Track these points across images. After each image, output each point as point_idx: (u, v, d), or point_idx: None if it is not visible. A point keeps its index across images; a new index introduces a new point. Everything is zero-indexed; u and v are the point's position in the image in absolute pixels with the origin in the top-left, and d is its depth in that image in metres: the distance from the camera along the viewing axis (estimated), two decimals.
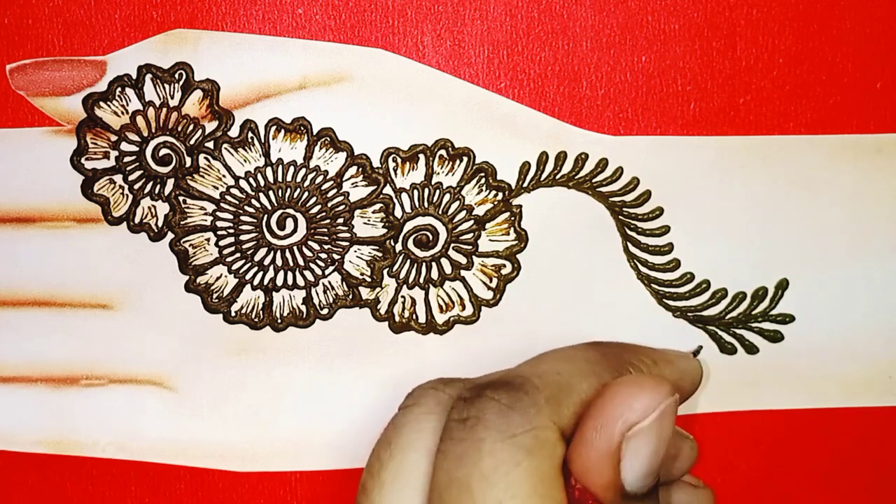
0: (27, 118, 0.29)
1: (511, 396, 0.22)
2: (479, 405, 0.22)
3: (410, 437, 0.23)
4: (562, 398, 0.22)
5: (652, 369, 0.24)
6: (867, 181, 0.29)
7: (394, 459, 0.23)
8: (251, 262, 0.29)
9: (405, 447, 0.23)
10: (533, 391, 0.22)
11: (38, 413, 0.30)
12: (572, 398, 0.22)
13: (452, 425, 0.22)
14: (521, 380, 0.22)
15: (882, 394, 0.31)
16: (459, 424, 0.21)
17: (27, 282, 0.29)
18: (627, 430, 0.21)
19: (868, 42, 0.29)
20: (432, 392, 0.24)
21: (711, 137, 0.29)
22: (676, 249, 0.30)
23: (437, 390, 0.24)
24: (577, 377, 0.23)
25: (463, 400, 0.22)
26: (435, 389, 0.24)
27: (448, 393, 0.24)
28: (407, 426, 0.23)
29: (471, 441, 0.21)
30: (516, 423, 0.21)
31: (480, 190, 0.29)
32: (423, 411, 0.23)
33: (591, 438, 0.21)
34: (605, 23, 0.29)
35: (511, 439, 0.21)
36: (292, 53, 0.28)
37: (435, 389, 0.24)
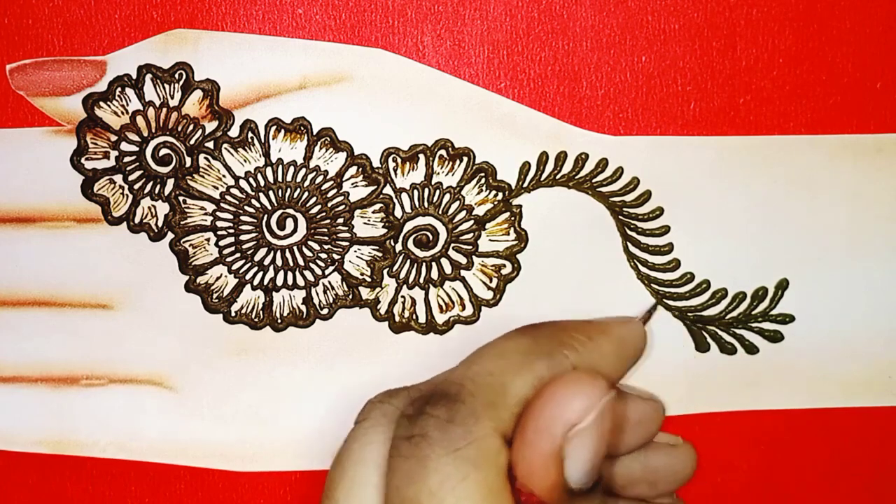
0: (27, 118, 0.29)
1: (449, 409, 0.22)
2: (420, 423, 0.22)
3: (360, 452, 0.23)
4: (498, 401, 0.22)
5: (586, 346, 0.24)
6: (867, 181, 0.29)
7: (345, 476, 0.23)
8: (251, 262, 0.29)
9: (355, 462, 0.23)
10: (469, 399, 0.22)
11: (38, 413, 0.30)
12: (509, 400, 0.22)
13: (398, 443, 0.22)
14: (455, 388, 0.22)
15: (882, 394, 0.31)
16: (405, 442, 0.22)
17: (27, 282, 0.29)
18: (568, 431, 0.21)
19: (868, 42, 0.29)
20: (378, 405, 0.24)
21: (711, 137, 0.29)
22: (676, 249, 0.30)
23: (382, 403, 0.24)
24: (510, 375, 0.23)
25: (406, 417, 0.22)
26: (381, 402, 0.24)
27: (394, 404, 0.24)
28: (356, 441, 0.24)
29: (416, 458, 0.21)
30: (458, 436, 0.21)
31: (480, 190, 0.29)
32: (370, 425, 0.24)
33: (533, 441, 0.21)
34: (605, 23, 0.29)
35: (455, 453, 0.21)
36: (292, 53, 0.28)
37: (381, 402, 0.24)
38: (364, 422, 0.24)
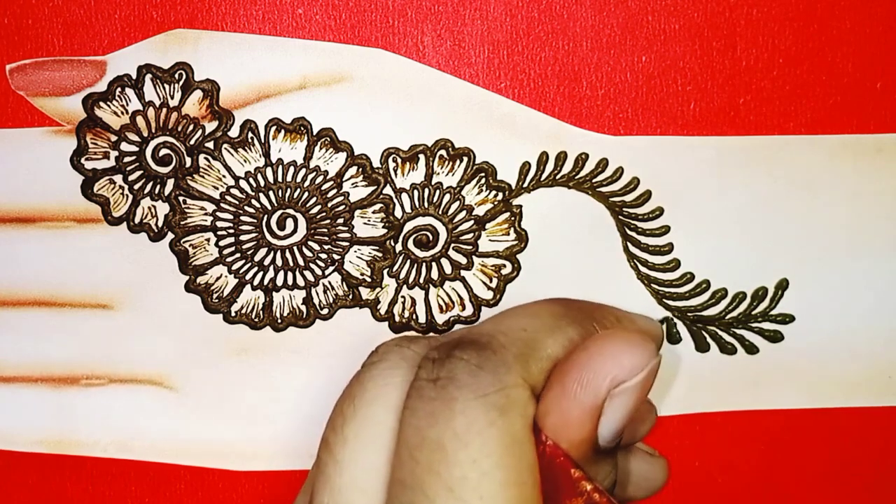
0: (27, 118, 0.29)
1: (480, 356, 0.21)
2: (448, 366, 0.21)
3: (375, 392, 0.22)
4: (530, 356, 0.22)
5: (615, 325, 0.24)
6: (867, 181, 0.29)
7: (358, 414, 0.22)
8: (251, 262, 0.29)
9: (370, 402, 0.22)
10: (500, 350, 0.22)
11: (38, 413, 0.30)
12: (541, 355, 0.22)
13: (422, 384, 0.21)
14: (487, 338, 0.22)
15: (882, 394, 0.31)
16: (429, 384, 0.21)
17: (27, 282, 0.29)
18: (615, 388, 0.21)
19: (868, 42, 0.29)
20: (397, 349, 0.24)
21: (711, 137, 0.29)
22: (676, 249, 0.30)
23: (401, 346, 0.24)
24: (543, 333, 0.22)
25: (431, 360, 0.22)
26: (399, 346, 0.24)
27: (413, 350, 0.23)
28: (371, 381, 0.23)
29: (442, 400, 0.20)
30: (487, 383, 0.21)
31: (480, 190, 0.29)
32: (388, 366, 0.23)
33: (575, 393, 0.21)
34: (605, 23, 0.29)
35: (483, 398, 0.20)
36: (292, 53, 0.28)
37: (399, 346, 0.24)
38: (380, 363, 0.23)
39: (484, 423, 0.20)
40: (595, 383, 0.21)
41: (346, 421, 0.22)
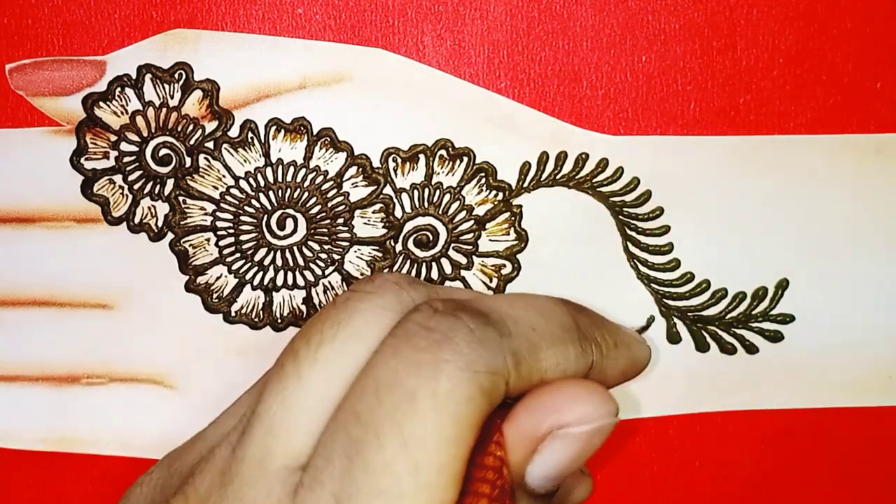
0: (27, 118, 0.29)
1: (484, 331, 0.20)
2: (450, 323, 0.20)
3: (360, 327, 0.21)
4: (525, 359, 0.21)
5: (610, 352, 0.24)
6: (867, 181, 0.29)
7: (337, 341, 0.21)
8: (251, 262, 0.29)
9: (353, 334, 0.21)
10: (506, 335, 0.21)
11: (39, 412, 0.30)
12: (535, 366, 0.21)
13: (414, 328, 0.20)
14: (497, 316, 0.21)
15: (882, 394, 0.31)
16: (423, 331, 0.20)
17: (27, 282, 0.29)
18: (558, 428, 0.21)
19: (868, 42, 0.29)
20: (395, 288, 0.22)
21: (711, 137, 0.29)
22: (676, 249, 0.30)
23: (400, 287, 0.23)
24: (546, 342, 0.22)
25: (433, 309, 0.21)
26: (399, 286, 0.23)
27: (411, 295, 0.22)
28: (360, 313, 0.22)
29: (433, 357, 0.20)
30: (482, 360, 0.20)
31: (481, 190, 0.29)
32: (382, 305, 0.22)
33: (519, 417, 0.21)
34: (605, 23, 0.29)
35: (473, 373, 0.20)
36: (292, 53, 0.28)
37: (399, 286, 0.23)
38: (374, 296, 0.22)
39: (464, 397, 0.19)
40: (539, 415, 0.21)
41: (323, 342, 0.21)
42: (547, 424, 0.21)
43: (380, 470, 0.19)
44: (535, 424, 0.21)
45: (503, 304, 0.22)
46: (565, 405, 0.21)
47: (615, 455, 0.31)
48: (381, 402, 0.19)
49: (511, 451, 0.21)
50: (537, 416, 0.21)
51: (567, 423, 0.21)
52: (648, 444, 0.31)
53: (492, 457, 0.20)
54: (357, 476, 0.19)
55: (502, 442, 0.21)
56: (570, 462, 0.21)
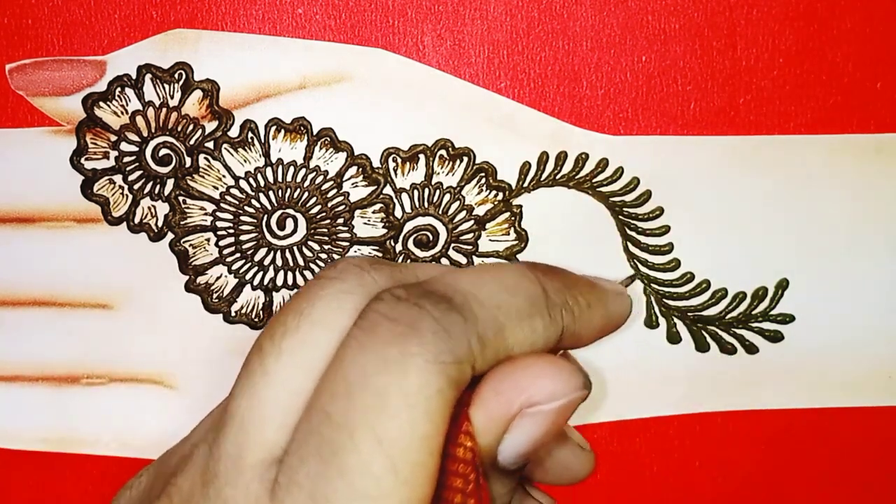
0: (27, 118, 0.29)
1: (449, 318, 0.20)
2: (413, 314, 0.20)
3: (323, 313, 0.21)
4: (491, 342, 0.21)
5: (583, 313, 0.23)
6: (867, 181, 0.29)
7: (300, 331, 0.21)
8: (251, 262, 0.29)
9: (315, 322, 0.21)
10: (471, 319, 0.20)
11: (39, 412, 0.30)
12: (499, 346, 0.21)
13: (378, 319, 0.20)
14: (461, 299, 0.21)
15: (882, 394, 0.31)
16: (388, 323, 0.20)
17: (27, 282, 0.29)
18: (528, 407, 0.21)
19: (868, 42, 0.29)
20: (356, 270, 0.22)
21: (711, 137, 0.29)
22: (676, 249, 0.30)
23: (362, 270, 0.22)
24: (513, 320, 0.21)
25: (396, 297, 0.20)
26: (360, 268, 0.22)
27: (374, 278, 0.22)
28: (322, 300, 0.21)
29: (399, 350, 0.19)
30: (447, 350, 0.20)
31: (481, 190, 0.29)
32: (344, 289, 0.22)
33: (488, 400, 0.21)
34: (605, 23, 0.29)
35: (441, 365, 0.19)
36: (292, 53, 0.28)
37: (360, 268, 0.22)
38: (336, 281, 0.22)
39: (434, 390, 0.19)
40: (508, 395, 0.20)
41: (286, 334, 0.21)
42: (517, 404, 0.20)
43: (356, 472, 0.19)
44: (504, 406, 0.21)
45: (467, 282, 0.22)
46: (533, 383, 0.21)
47: (615, 455, 0.31)
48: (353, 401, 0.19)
49: (481, 433, 0.21)
50: (506, 396, 0.21)
51: (537, 400, 0.21)
52: (648, 444, 0.31)
53: (462, 448, 0.20)
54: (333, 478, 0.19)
55: (471, 431, 0.20)
56: (541, 438, 0.21)
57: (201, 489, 0.21)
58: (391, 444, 0.19)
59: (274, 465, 0.20)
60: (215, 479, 0.21)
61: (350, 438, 0.19)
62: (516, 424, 0.21)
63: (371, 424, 0.19)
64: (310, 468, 0.19)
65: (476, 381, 0.21)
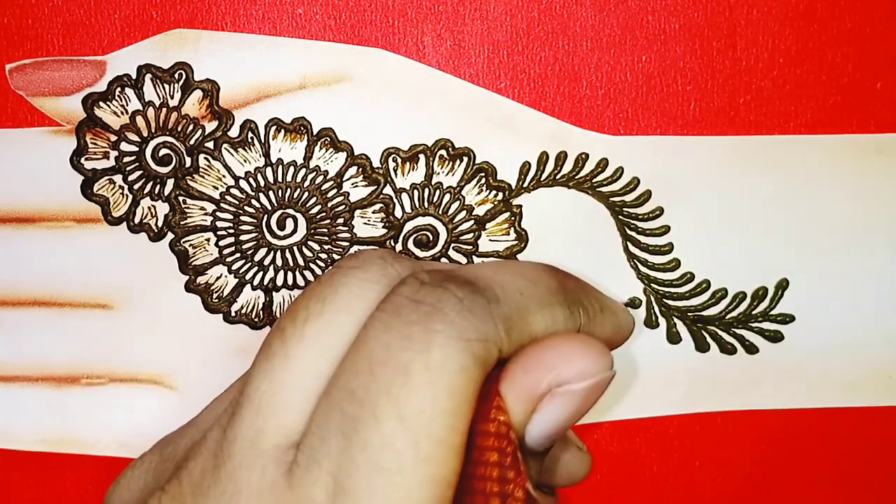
0: (27, 118, 0.29)
1: (472, 299, 0.20)
2: (438, 294, 0.20)
3: (348, 300, 0.21)
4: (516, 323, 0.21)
5: (596, 316, 0.24)
6: (867, 181, 0.29)
7: (323, 316, 0.21)
8: (251, 262, 0.29)
9: (339, 308, 0.21)
10: (494, 301, 0.21)
11: (39, 412, 0.30)
12: (524, 328, 0.21)
13: (403, 301, 0.20)
14: (484, 283, 0.21)
15: (882, 394, 0.31)
16: (411, 304, 0.20)
17: (27, 282, 0.29)
18: (557, 386, 0.20)
19: (868, 42, 0.29)
20: (380, 262, 0.22)
21: (711, 137, 0.29)
22: (676, 249, 0.30)
23: (385, 262, 0.22)
24: (535, 305, 0.22)
25: (420, 281, 0.21)
26: (383, 260, 0.22)
27: (396, 269, 0.22)
28: (346, 287, 0.22)
29: (423, 328, 0.19)
30: (472, 328, 0.20)
31: (480, 190, 0.29)
32: (367, 278, 0.22)
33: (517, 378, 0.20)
34: (605, 23, 0.29)
35: (465, 342, 0.19)
36: (292, 53, 0.28)
37: (383, 260, 0.22)
38: (359, 271, 0.22)
39: (458, 366, 0.19)
40: (538, 374, 0.20)
41: (309, 318, 0.21)
42: (545, 383, 0.20)
43: (378, 446, 0.18)
44: (533, 384, 0.20)
45: (489, 271, 0.22)
46: (563, 362, 0.21)
47: (615, 455, 0.31)
48: (375, 377, 0.19)
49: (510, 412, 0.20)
50: (535, 375, 0.20)
51: (566, 379, 0.21)
52: (648, 444, 0.31)
53: (495, 423, 0.20)
54: (355, 454, 0.19)
55: (503, 406, 0.20)
56: (570, 418, 0.21)
57: (213, 472, 0.21)
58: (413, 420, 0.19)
59: (291, 449, 0.20)
60: (228, 462, 0.20)
61: (372, 414, 0.19)
62: (545, 404, 0.21)
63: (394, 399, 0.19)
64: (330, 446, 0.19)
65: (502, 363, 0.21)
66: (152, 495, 0.22)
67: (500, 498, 0.19)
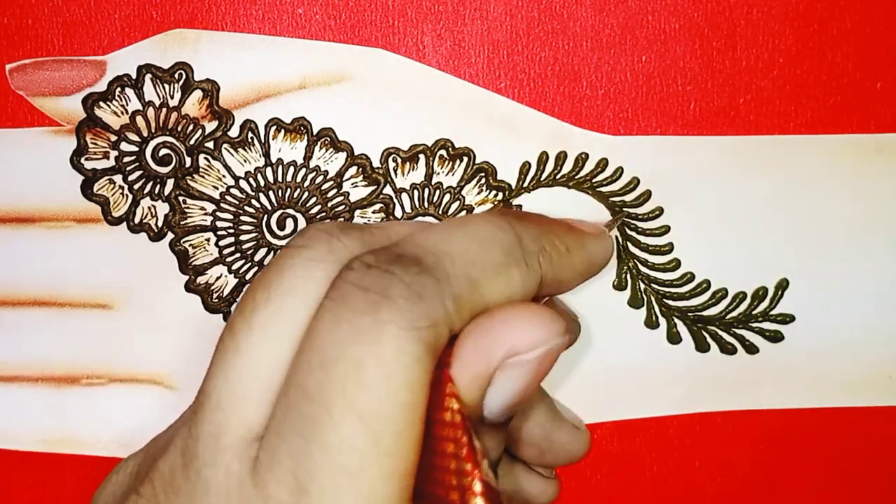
0: (27, 118, 0.29)
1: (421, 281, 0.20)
2: (385, 280, 0.19)
3: (294, 283, 0.21)
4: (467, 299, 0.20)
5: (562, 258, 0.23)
6: (867, 181, 0.29)
7: (270, 303, 0.21)
8: (251, 262, 0.29)
9: (286, 292, 0.21)
10: (444, 279, 0.20)
11: (39, 412, 0.30)
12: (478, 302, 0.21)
13: (350, 289, 0.20)
14: (433, 260, 0.20)
15: (882, 394, 0.31)
16: (359, 292, 0.19)
17: (27, 282, 0.29)
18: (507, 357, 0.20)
19: (868, 42, 0.29)
20: (325, 237, 0.22)
21: (711, 137, 0.29)
22: (676, 249, 0.30)
23: (331, 236, 0.22)
24: (488, 274, 0.21)
25: (366, 265, 0.20)
26: (329, 234, 0.22)
27: (343, 243, 0.22)
28: (291, 269, 0.21)
29: (374, 320, 0.19)
30: (422, 315, 0.19)
31: (481, 190, 0.29)
32: (313, 256, 0.21)
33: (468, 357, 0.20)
34: (605, 23, 0.29)
35: (416, 331, 0.19)
36: (292, 53, 0.28)
37: (329, 234, 0.22)
38: (304, 249, 0.21)
39: (412, 358, 0.19)
40: (490, 349, 0.20)
41: (256, 308, 0.21)
42: (498, 357, 0.20)
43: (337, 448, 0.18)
44: (485, 360, 0.20)
45: (439, 239, 0.21)
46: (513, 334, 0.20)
47: (615, 455, 0.31)
48: (329, 375, 0.19)
49: (464, 391, 0.20)
50: (486, 351, 0.20)
51: (517, 351, 0.20)
52: (648, 444, 0.31)
53: (449, 411, 0.20)
54: (315, 455, 0.18)
55: (456, 393, 0.20)
56: (525, 388, 0.21)
57: (182, 471, 0.20)
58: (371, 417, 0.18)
59: (254, 443, 0.20)
60: (195, 460, 0.20)
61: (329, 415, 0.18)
62: (499, 377, 0.20)
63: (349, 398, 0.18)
64: (290, 445, 0.19)
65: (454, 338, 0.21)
66: (127, 498, 0.21)
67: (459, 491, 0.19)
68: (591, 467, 0.31)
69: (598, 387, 0.30)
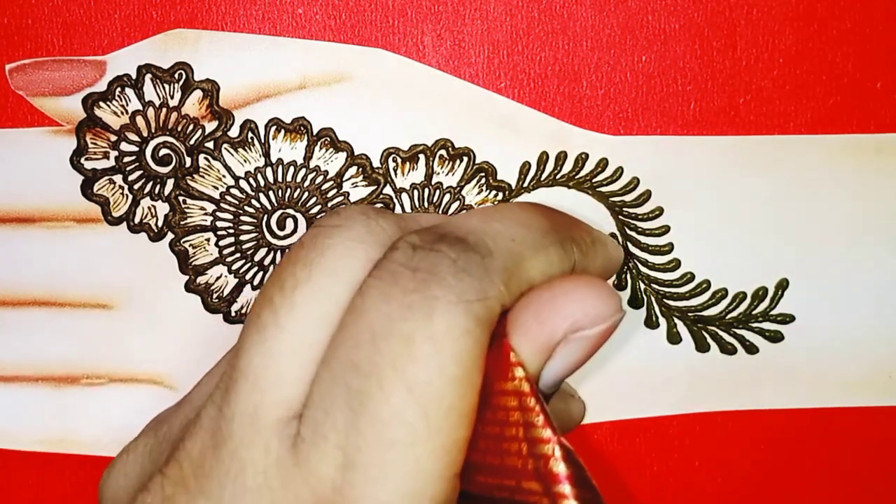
0: (27, 118, 0.29)
1: (466, 258, 0.20)
2: (432, 258, 0.20)
3: (336, 264, 0.21)
4: (513, 273, 0.20)
5: (589, 250, 0.23)
6: (867, 181, 0.29)
7: (312, 282, 0.20)
8: (251, 262, 0.29)
9: (328, 272, 0.20)
10: (488, 256, 0.20)
11: (38, 412, 0.30)
12: (521, 276, 0.21)
13: (399, 269, 0.20)
14: (475, 239, 0.20)
15: (882, 394, 0.31)
16: (407, 272, 0.19)
17: (27, 282, 0.29)
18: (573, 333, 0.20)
19: (868, 42, 0.29)
20: (363, 218, 0.21)
21: (711, 137, 0.29)
22: (676, 249, 0.30)
23: (368, 217, 0.22)
24: (529, 250, 0.21)
25: (412, 246, 0.20)
26: (366, 216, 0.22)
27: (381, 225, 0.21)
28: (332, 249, 0.21)
29: (422, 296, 0.19)
30: (471, 289, 0.19)
31: (481, 190, 0.29)
32: (352, 237, 0.21)
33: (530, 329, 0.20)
34: (605, 23, 0.29)
35: (466, 304, 0.19)
36: (292, 53, 0.28)
37: (366, 216, 0.22)
38: (343, 230, 0.21)
39: (461, 331, 0.19)
40: (553, 323, 0.20)
41: (297, 284, 0.20)
42: (562, 331, 0.20)
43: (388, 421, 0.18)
44: (549, 333, 0.20)
45: (478, 221, 0.21)
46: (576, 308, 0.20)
47: (615, 455, 0.31)
48: (379, 350, 0.19)
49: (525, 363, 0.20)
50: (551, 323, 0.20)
51: (583, 325, 0.20)
52: (648, 444, 0.31)
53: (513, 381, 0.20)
54: (364, 428, 0.18)
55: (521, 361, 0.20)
56: (581, 362, 0.21)
57: (213, 452, 0.20)
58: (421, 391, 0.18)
59: (293, 421, 0.19)
60: (229, 440, 0.20)
61: (379, 388, 0.18)
62: (560, 350, 0.20)
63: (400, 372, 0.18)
64: (336, 420, 0.19)
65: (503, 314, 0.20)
66: (152, 479, 0.21)
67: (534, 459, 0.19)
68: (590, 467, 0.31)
69: (598, 387, 0.30)
